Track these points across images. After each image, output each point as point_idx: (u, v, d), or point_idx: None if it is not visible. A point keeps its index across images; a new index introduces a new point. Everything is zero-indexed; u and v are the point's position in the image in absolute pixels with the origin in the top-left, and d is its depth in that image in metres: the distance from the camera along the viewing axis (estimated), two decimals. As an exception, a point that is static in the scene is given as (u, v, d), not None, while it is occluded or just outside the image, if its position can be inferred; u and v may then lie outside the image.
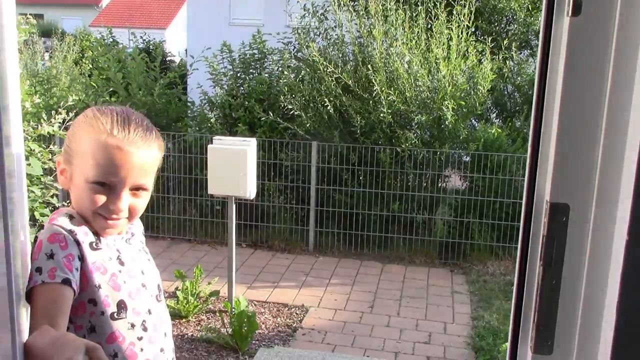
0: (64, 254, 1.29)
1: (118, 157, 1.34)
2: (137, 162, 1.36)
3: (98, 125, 1.36)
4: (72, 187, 1.40)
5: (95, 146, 1.34)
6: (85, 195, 1.36)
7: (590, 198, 1.00)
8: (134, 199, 1.40)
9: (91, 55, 10.83)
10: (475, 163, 6.95)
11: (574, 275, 1.03)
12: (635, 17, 0.90)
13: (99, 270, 1.36)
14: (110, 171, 1.34)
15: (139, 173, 1.38)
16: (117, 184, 1.35)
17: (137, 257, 1.50)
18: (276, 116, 7.37)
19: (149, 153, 1.39)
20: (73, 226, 1.36)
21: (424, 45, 7.03)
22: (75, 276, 1.29)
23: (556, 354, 1.07)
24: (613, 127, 0.95)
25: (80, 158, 1.37)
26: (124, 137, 1.35)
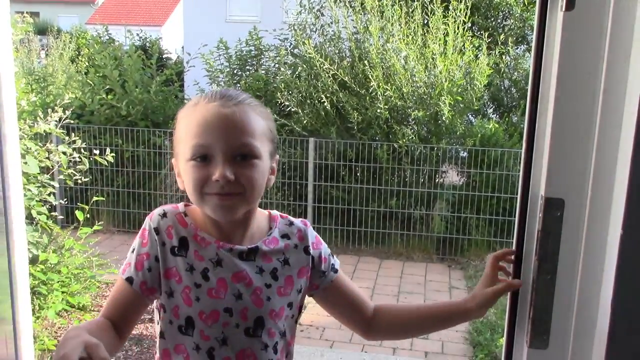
0: (140, 252, 1.25)
1: (206, 118, 1.19)
2: (231, 120, 1.19)
3: (188, 104, 1.26)
4: (183, 178, 1.25)
5: (186, 121, 1.23)
6: (189, 178, 1.20)
7: (585, 193, 1.00)
8: (242, 169, 1.19)
9: (87, 52, 10.81)
10: (472, 158, 6.95)
11: (569, 270, 1.04)
12: (627, 11, 0.91)
13: (175, 277, 1.24)
14: (202, 137, 1.18)
15: (236, 132, 1.19)
16: (215, 150, 1.17)
17: (243, 278, 1.26)
18: (273, 113, 7.33)
19: (244, 111, 1.20)
20: (161, 225, 1.25)
21: (420, 41, 7.02)
22: (144, 276, 1.23)
23: (552, 347, 1.07)
24: (607, 122, 0.96)
25: (180, 143, 1.24)
26: (212, 99, 1.21)
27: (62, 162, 4.75)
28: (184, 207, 1.29)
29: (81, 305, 4.80)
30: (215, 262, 1.25)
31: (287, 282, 1.30)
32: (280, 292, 1.29)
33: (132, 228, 7.53)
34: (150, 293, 1.25)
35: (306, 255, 1.34)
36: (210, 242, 1.25)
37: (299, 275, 1.32)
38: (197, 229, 1.26)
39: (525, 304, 1.11)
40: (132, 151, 7.57)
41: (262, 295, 1.26)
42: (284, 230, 1.34)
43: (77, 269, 4.88)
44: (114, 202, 7.62)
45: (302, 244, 1.34)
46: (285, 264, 1.31)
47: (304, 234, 1.35)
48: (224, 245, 1.25)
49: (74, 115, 7.09)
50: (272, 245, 1.30)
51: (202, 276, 1.24)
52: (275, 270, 1.29)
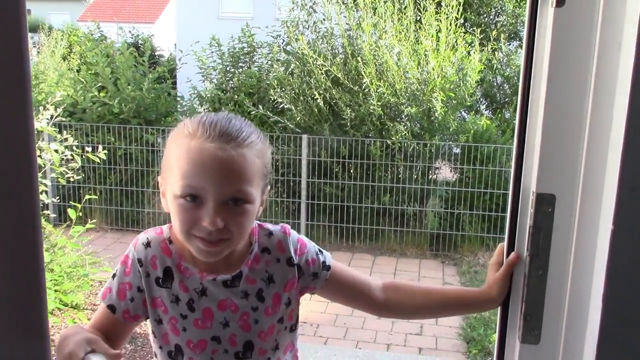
0: (123, 281, 1.24)
1: (202, 159, 1.12)
2: (227, 167, 1.13)
3: (183, 129, 1.18)
4: (169, 206, 1.21)
5: (179, 152, 1.15)
6: (176, 215, 1.16)
7: (575, 188, 1.00)
8: (233, 215, 1.15)
9: (79, 50, 10.76)
10: (465, 154, 6.97)
11: (560, 265, 1.04)
12: (617, 7, 0.91)
13: (161, 307, 1.24)
14: (195, 178, 1.13)
15: (231, 179, 1.14)
16: (207, 194, 1.13)
17: (228, 306, 1.25)
18: (266, 110, 7.35)
19: (242, 154, 1.14)
20: (145, 255, 1.24)
21: (413, 37, 7.03)
22: (127, 305, 1.23)
23: (543, 342, 1.07)
24: (598, 118, 0.96)
25: (169, 171, 1.18)
26: (208, 135, 1.14)
27: (54, 160, 4.73)
28: (169, 231, 1.27)
29: (74, 303, 4.78)
30: (200, 292, 1.23)
31: (274, 300, 1.28)
32: (268, 312, 1.28)
33: (125, 226, 7.52)
34: (134, 319, 1.25)
35: (290, 266, 1.30)
36: (194, 272, 1.24)
37: (285, 289, 1.30)
38: (181, 259, 1.24)
39: (517, 300, 1.12)
40: (124, 149, 7.55)
41: (249, 319, 1.26)
42: (263, 244, 1.30)
43: (70, 268, 4.86)
44: (107, 200, 7.60)
45: (284, 255, 1.30)
46: (270, 282, 1.28)
47: (285, 245, 1.30)
48: (207, 277, 1.24)
49: (65, 113, 7.08)
50: (255, 265, 1.27)
51: (187, 307, 1.23)
52: (261, 291, 1.27)
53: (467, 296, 1.35)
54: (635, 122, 0.87)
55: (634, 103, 0.86)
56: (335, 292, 1.36)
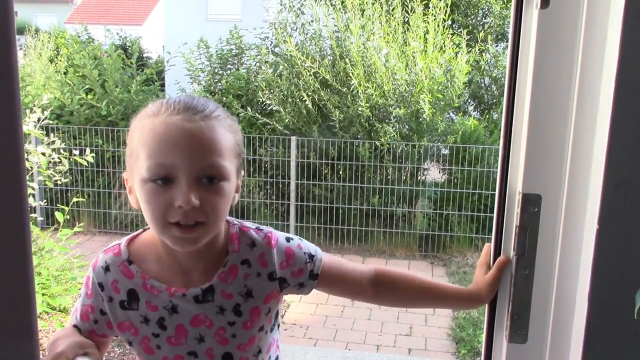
0: (85, 303, 1.21)
1: (169, 133, 1.04)
2: (197, 138, 1.04)
3: (145, 111, 1.10)
4: (138, 196, 1.11)
5: (143, 133, 1.07)
6: (147, 203, 1.06)
7: (561, 188, 1.01)
8: (207, 193, 1.05)
9: (66, 52, 10.70)
10: (453, 155, 7.00)
11: (546, 265, 1.05)
12: (602, 9, 0.92)
13: (130, 330, 1.18)
14: (164, 155, 1.04)
15: (202, 151, 1.04)
16: (178, 171, 1.03)
17: (202, 321, 1.17)
18: (254, 112, 7.35)
19: (211, 127, 1.06)
20: (105, 279, 1.18)
21: (401, 39, 7.05)
22: (91, 326, 1.20)
23: (530, 342, 1.08)
24: (582, 119, 0.97)
25: (134, 157, 1.09)
26: (173, 110, 1.06)
27: (41, 163, 4.70)
28: (127, 250, 1.19)
29: (62, 307, 4.75)
30: (170, 309, 1.16)
31: (252, 314, 1.19)
32: (246, 326, 1.19)
33: (113, 229, 7.48)
34: (102, 337, 1.22)
35: (271, 281, 1.20)
36: (161, 290, 1.15)
37: (265, 302, 1.21)
38: (145, 278, 1.16)
39: (504, 300, 1.12)
40: (112, 151, 7.51)
41: (226, 334, 1.18)
42: (243, 255, 1.19)
43: (57, 271, 4.83)
44: (95, 203, 7.56)
45: (266, 270, 1.19)
46: (249, 296, 1.18)
47: (268, 258, 1.20)
48: (177, 291, 1.15)
49: (53, 115, 7.05)
50: (229, 278, 1.17)
51: (158, 326, 1.16)
52: (238, 305, 1.18)
53: (455, 294, 1.33)
54: (619, 121, 0.88)
55: (617, 103, 0.87)
56: (324, 289, 1.30)
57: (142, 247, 1.19)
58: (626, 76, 0.86)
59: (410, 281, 1.34)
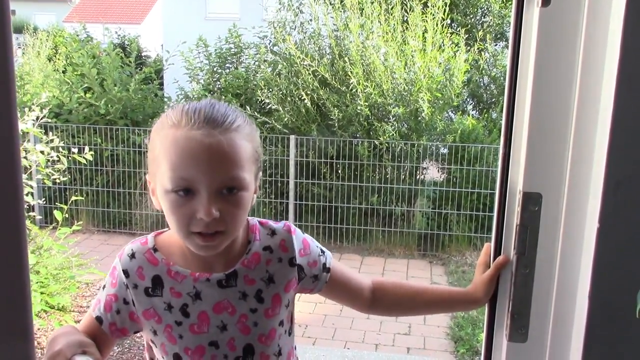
0: (109, 292, 1.21)
1: (190, 148, 1.07)
2: (217, 153, 1.07)
3: (166, 120, 1.13)
4: (160, 202, 1.15)
5: (165, 144, 1.10)
6: (170, 213, 1.11)
7: (562, 187, 1.01)
8: (227, 204, 1.10)
9: (65, 51, 10.70)
10: (452, 155, 7.00)
11: (547, 264, 1.05)
12: (603, 7, 0.91)
13: (154, 318, 1.19)
14: (185, 169, 1.07)
15: (223, 165, 1.08)
16: (199, 184, 1.07)
17: (225, 308, 1.20)
18: (253, 110, 7.34)
19: (231, 140, 1.09)
20: (131, 266, 1.20)
21: (400, 38, 7.05)
22: (113, 317, 1.20)
23: (530, 341, 1.08)
24: (583, 117, 0.97)
25: (156, 165, 1.12)
26: (193, 123, 1.09)
27: (40, 162, 4.70)
28: (153, 240, 1.23)
29: (61, 305, 4.75)
30: (194, 295, 1.19)
31: (274, 301, 1.23)
32: (268, 314, 1.22)
33: (111, 227, 7.48)
34: (120, 334, 1.22)
35: (292, 267, 1.25)
36: (186, 275, 1.19)
37: (286, 289, 1.25)
38: (169, 264, 1.20)
39: (505, 298, 1.12)
40: (111, 150, 7.51)
41: (248, 322, 1.21)
42: (265, 242, 1.24)
43: (56, 270, 4.83)
44: (94, 202, 7.56)
45: (287, 255, 1.25)
46: (270, 282, 1.23)
47: (289, 244, 1.25)
48: (201, 277, 1.19)
49: (51, 114, 7.04)
50: (252, 264, 1.22)
51: (181, 313, 1.19)
52: (260, 292, 1.22)
53: (452, 296, 1.35)
54: (620, 120, 0.88)
55: (619, 102, 0.87)
56: (329, 293, 1.34)
57: (168, 240, 1.23)
58: (627, 75, 0.86)
59: (404, 289, 1.37)
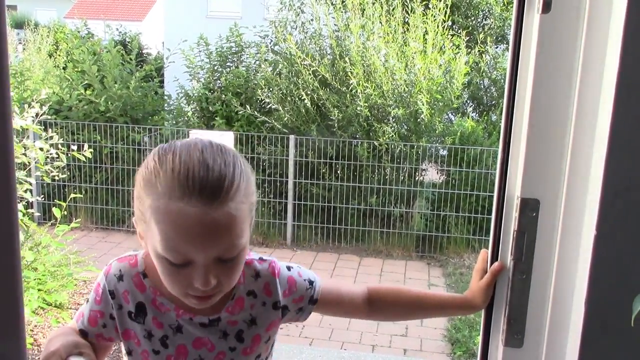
0: (94, 308, 1.19)
1: (185, 227, 0.99)
2: (213, 229, 1.00)
3: (156, 184, 1.01)
4: (150, 253, 1.09)
5: (157, 213, 1.01)
6: (163, 275, 1.06)
7: (560, 194, 1.01)
8: (224, 269, 1.05)
9: (66, 47, 10.69)
10: (452, 157, 7.00)
11: (544, 270, 1.05)
12: (602, 14, 0.92)
13: (133, 340, 1.19)
14: (180, 245, 1.01)
15: (219, 241, 1.02)
16: (194, 257, 1.02)
17: (204, 344, 1.18)
18: (253, 110, 7.34)
19: (227, 213, 1.00)
20: (118, 288, 1.17)
21: (400, 39, 7.05)
22: (99, 330, 1.19)
23: (526, 346, 1.08)
24: (582, 124, 0.97)
25: (146, 224, 1.05)
26: (188, 197, 0.98)
27: (39, 159, 4.69)
28: (143, 263, 1.18)
29: (58, 303, 4.75)
30: (175, 328, 1.17)
31: (253, 341, 1.22)
32: (246, 352, 1.21)
33: (110, 225, 7.47)
34: (108, 341, 1.21)
35: (275, 310, 1.23)
36: (170, 309, 1.17)
37: (267, 329, 1.24)
38: (156, 294, 1.16)
39: (501, 303, 1.12)
40: (110, 147, 7.51)
41: (225, 358, 1.20)
42: (249, 286, 1.21)
43: (54, 267, 4.83)
44: (92, 199, 7.55)
45: (270, 299, 1.22)
46: (252, 324, 1.21)
47: (273, 288, 1.22)
48: (183, 315, 1.17)
49: (51, 110, 7.05)
50: (236, 309, 1.19)
51: (160, 343, 1.17)
52: (241, 332, 1.20)
53: (449, 302, 1.34)
54: (619, 127, 0.88)
55: (618, 109, 0.87)
56: (321, 311, 1.33)
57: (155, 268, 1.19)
58: (626, 82, 0.86)
59: (403, 295, 1.36)
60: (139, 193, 1.06)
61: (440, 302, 1.35)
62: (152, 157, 1.05)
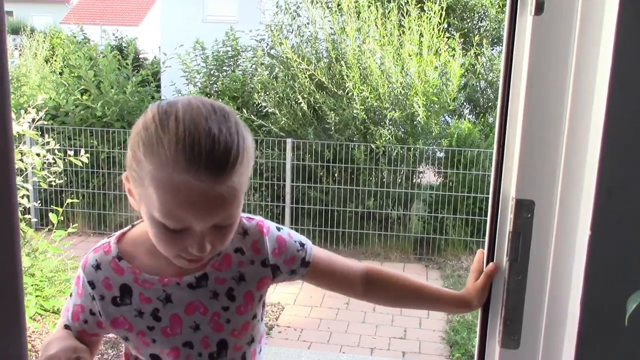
0: (76, 302, 1.20)
1: (188, 198, 0.98)
2: (216, 202, 1.00)
3: (159, 152, 0.98)
4: (142, 213, 1.08)
5: (157, 182, 0.99)
6: (156, 239, 1.06)
7: (554, 195, 1.01)
8: (219, 235, 1.06)
9: (62, 52, 10.69)
10: (449, 159, 7.00)
11: (539, 270, 1.05)
12: (595, 15, 0.92)
13: (124, 326, 1.17)
14: (180, 215, 1.00)
15: (220, 212, 1.02)
16: (192, 224, 1.02)
17: (197, 308, 1.18)
18: (250, 114, 7.34)
19: (231, 187, 1.00)
20: (96, 277, 1.16)
21: (396, 42, 7.06)
22: (82, 326, 1.19)
23: (523, 347, 1.08)
24: (575, 125, 0.97)
25: (143, 188, 1.02)
26: (194, 171, 0.97)
27: (35, 164, 4.69)
28: (117, 248, 1.18)
29: (55, 309, 4.74)
30: (164, 299, 1.16)
31: (246, 298, 1.20)
32: (240, 311, 1.20)
33: (107, 230, 7.46)
34: (93, 336, 1.21)
35: (265, 267, 1.21)
36: (154, 282, 1.16)
37: (258, 288, 1.22)
38: (136, 272, 1.16)
39: (497, 304, 1.13)
40: (107, 152, 7.50)
41: (220, 320, 1.19)
42: (236, 244, 1.19)
43: (51, 272, 4.82)
44: (89, 204, 7.54)
45: (259, 257, 1.21)
46: (241, 280, 1.20)
47: (261, 246, 1.21)
48: (170, 282, 1.16)
49: (48, 116, 7.03)
50: (223, 266, 1.18)
51: (152, 318, 1.16)
52: (232, 290, 1.19)
53: (445, 297, 1.33)
54: (612, 127, 0.88)
55: (611, 109, 0.88)
56: (313, 281, 1.30)
57: (132, 243, 1.19)
58: (619, 83, 0.87)
59: (401, 281, 1.34)
60: (137, 155, 1.02)
61: (437, 296, 1.34)
62: (152, 118, 1.02)
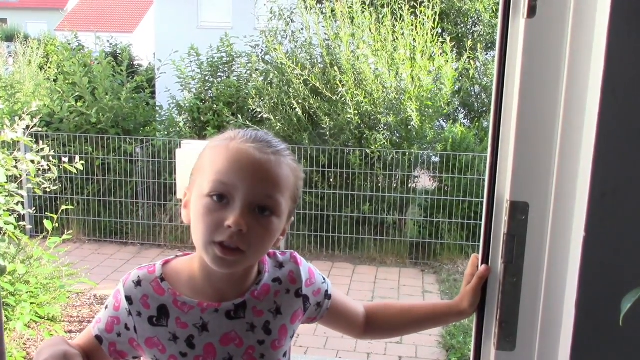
0: (112, 314, 1.19)
1: (239, 157, 1.09)
2: (263, 168, 1.09)
3: (221, 136, 1.16)
4: (191, 214, 1.14)
5: (215, 153, 1.12)
6: (199, 217, 1.10)
7: (548, 197, 1.02)
8: (257, 223, 1.08)
9: (56, 59, 10.68)
10: (444, 163, 7.02)
11: (534, 272, 1.05)
12: (587, 18, 0.93)
13: (158, 347, 1.17)
14: (228, 175, 1.08)
15: (265, 182, 1.09)
16: (236, 192, 1.07)
17: (232, 340, 1.17)
18: (245, 119, 7.35)
19: (279, 163, 1.11)
20: (135, 294, 1.17)
21: (390, 47, 7.08)
22: (114, 339, 1.18)
23: (518, 349, 1.09)
24: (569, 127, 0.98)
25: (200, 173, 1.13)
26: (248, 139, 1.12)
27: (30, 171, 4.68)
28: (161, 269, 1.20)
29: (51, 316, 4.72)
30: (201, 327, 1.16)
31: (281, 333, 1.22)
32: (275, 346, 1.21)
33: (102, 237, 7.44)
34: (119, 355, 1.20)
35: (297, 298, 1.25)
36: (193, 306, 1.16)
37: (292, 321, 1.24)
38: (176, 295, 1.17)
39: (493, 307, 1.13)
40: (102, 159, 7.49)
41: (255, 353, 1.19)
42: (274, 274, 1.24)
43: (46, 279, 4.80)
44: (84, 211, 7.52)
45: (294, 287, 1.24)
46: (277, 313, 1.22)
47: (297, 275, 1.25)
48: (209, 307, 1.16)
49: (42, 123, 7.01)
50: (262, 295, 1.20)
51: (187, 345, 1.16)
52: (268, 323, 1.20)
53: (438, 309, 1.36)
54: (605, 130, 0.89)
55: (604, 112, 0.88)
56: (329, 320, 1.34)
57: (176, 268, 1.21)
58: (612, 85, 0.87)
59: (389, 307, 1.40)
60: (202, 153, 1.17)
61: (430, 310, 1.37)
62: None
